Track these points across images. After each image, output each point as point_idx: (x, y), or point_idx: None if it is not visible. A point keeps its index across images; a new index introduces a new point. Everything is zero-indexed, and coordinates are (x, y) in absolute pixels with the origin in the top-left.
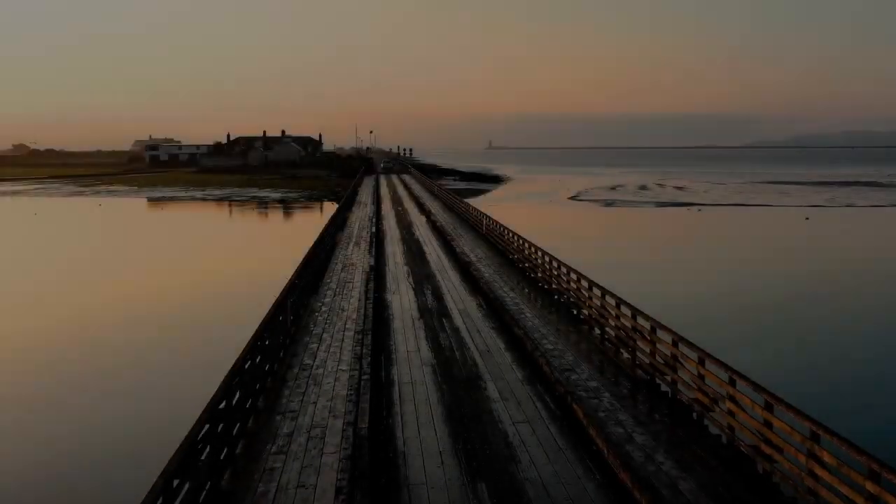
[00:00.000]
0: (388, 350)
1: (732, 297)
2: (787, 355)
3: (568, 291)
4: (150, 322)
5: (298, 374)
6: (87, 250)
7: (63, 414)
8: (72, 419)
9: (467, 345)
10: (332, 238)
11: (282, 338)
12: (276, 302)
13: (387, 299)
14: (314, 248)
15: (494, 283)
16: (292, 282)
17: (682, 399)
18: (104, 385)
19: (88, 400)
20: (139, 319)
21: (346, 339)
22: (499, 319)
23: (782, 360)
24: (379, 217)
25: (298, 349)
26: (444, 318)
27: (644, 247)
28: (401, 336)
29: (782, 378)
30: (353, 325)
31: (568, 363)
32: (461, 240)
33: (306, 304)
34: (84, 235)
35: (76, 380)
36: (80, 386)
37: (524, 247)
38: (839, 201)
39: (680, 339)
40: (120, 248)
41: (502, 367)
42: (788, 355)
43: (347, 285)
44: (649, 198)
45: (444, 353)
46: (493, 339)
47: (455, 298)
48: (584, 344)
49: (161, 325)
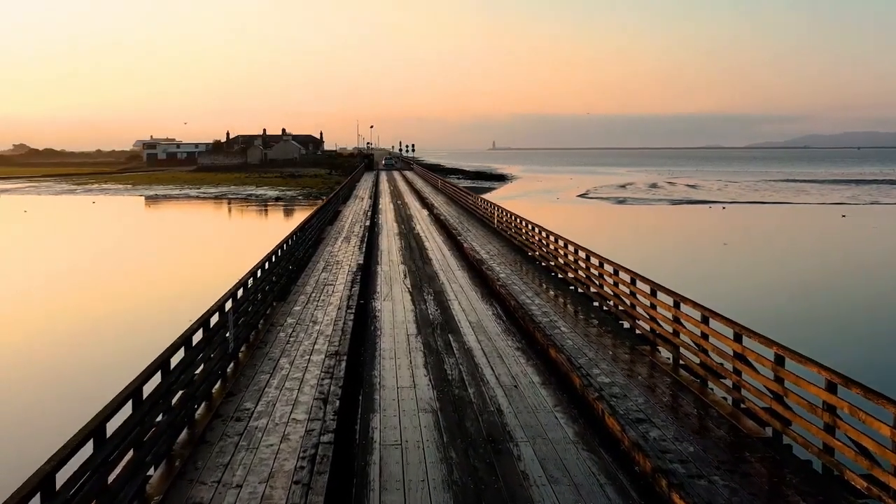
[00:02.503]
0: (369, 384)
1: (847, 303)
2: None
3: (616, 298)
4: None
5: (228, 430)
6: (42, 251)
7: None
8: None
9: (484, 376)
10: (317, 232)
11: (215, 365)
12: (200, 318)
13: (375, 308)
14: (288, 242)
15: (513, 285)
16: (243, 284)
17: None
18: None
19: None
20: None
21: (311, 368)
22: (525, 336)
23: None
24: (376, 210)
25: (239, 384)
26: (451, 335)
27: (687, 247)
28: (390, 362)
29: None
30: (326, 344)
31: (638, 408)
32: (469, 234)
33: (267, 315)
34: (48, 234)
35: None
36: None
37: (548, 241)
38: (863, 199)
39: (840, 379)
40: (79, 247)
41: (540, 415)
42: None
43: (327, 289)
44: (662, 196)
45: (451, 389)
46: (522, 367)
47: (464, 306)
48: (651, 373)
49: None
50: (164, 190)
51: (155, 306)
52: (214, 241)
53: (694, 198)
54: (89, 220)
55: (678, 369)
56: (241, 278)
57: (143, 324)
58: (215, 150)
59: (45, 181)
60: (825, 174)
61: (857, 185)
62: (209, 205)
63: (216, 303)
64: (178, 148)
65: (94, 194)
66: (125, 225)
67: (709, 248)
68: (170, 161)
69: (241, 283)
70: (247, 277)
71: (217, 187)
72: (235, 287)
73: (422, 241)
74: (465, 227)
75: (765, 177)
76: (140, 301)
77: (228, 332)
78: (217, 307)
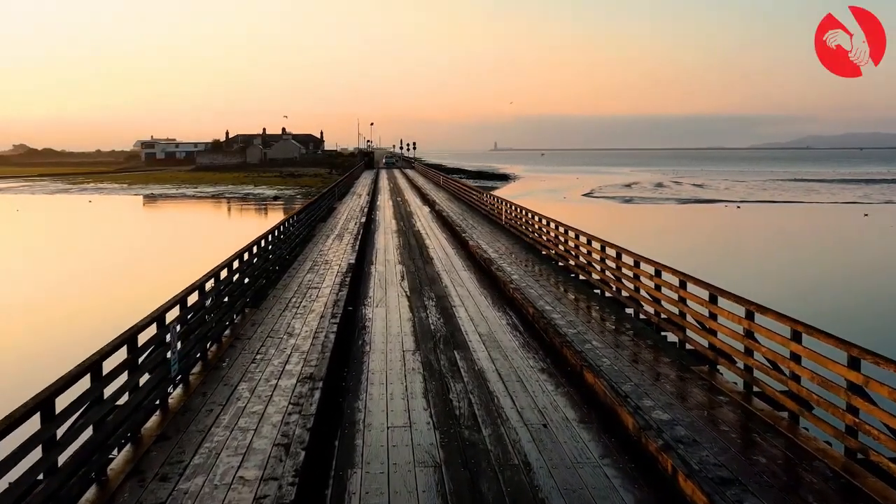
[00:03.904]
0: (351, 421)
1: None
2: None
3: (656, 303)
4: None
5: (144, 498)
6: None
7: None
8: None
9: (503, 410)
10: (306, 228)
11: (146, 398)
12: (123, 335)
13: (365, 316)
14: (268, 238)
15: (529, 289)
16: (198, 287)
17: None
18: None
19: None
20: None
21: (277, 397)
22: (550, 352)
23: None
24: (373, 207)
25: (178, 423)
26: (457, 351)
27: (725, 247)
28: (379, 389)
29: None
30: (300, 363)
31: (718, 460)
32: (474, 232)
33: (236, 324)
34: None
35: None
36: None
37: (566, 238)
38: (876, 198)
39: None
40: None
41: (584, 471)
42: None
43: (310, 293)
44: (669, 195)
45: (459, 430)
46: (550, 397)
47: (472, 314)
48: (718, 405)
49: None
50: (160, 189)
51: (108, 313)
52: (206, 239)
53: (702, 197)
54: (76, 219)
55: (751, 398)
56: (195, 281)
57: (78, 335)
58: (214, 150)
59: (40, 181)
60: (832, 174)
61: (867, 184)
62: (205, 204)
63: (152, 313)
64: (176, 147)
65: (89, 193)
66: (112, 223)
67: (748, 246)
68: (168, 161)
69: (194, 286)
70: (203, 280)
71: (214, 186)
72: (184, 292)
73: (422, 239)
74: (470, 223)
75: (771, 176)
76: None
77: (171, 351)
78: (154, 318)
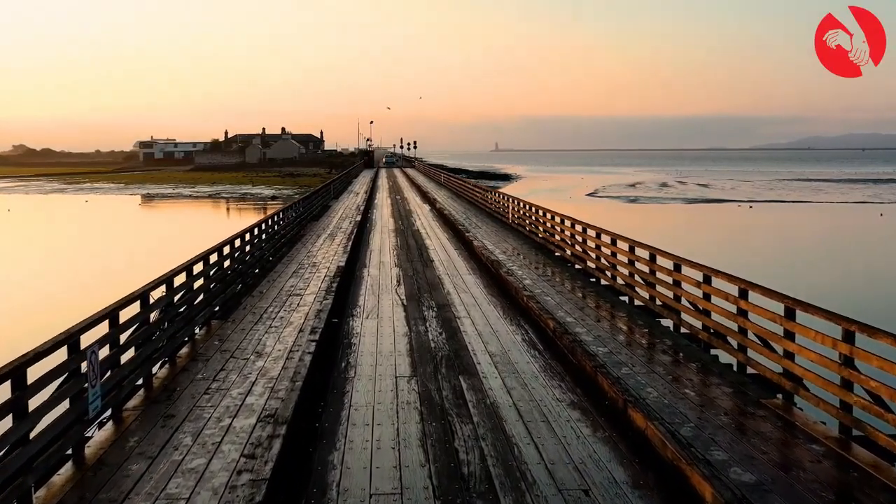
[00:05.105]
0: (321, 486)
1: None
2: None
3: (704, 315)
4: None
5: None
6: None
7: None
8: None
9: (527, 468)
10: (296, 226)
11: (54, 445)
12: (14, 363)
13: (353, 330)
14: (243, 237)
15: (545, 296)
16: (140, 296)
17: None
18: None
19: None
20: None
21: (226, 446)
22: (579, 380)
23: None
24: (370, 205)
25: (91, 483)
26: (464, 378)
27: (743, 251)
28: (363, 433)
29: None
30: (265, 396)
31: None
32: (479, 231)
33: (196, 340)
34: None
35: None
36: None
37: (585, 237)
38: (886, 198)
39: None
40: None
41: None
42: None
43: (291, 301)
44: (675, 195)
45: (469, 502)
46: (588, 447)
47: (480, 328)
48: (808, 455)
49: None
50: (156, 188)
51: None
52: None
53: (709, 197)
54: (69, 219)
55: (850, 445)
56: (134, 290)
57: None
58: (213, 150)
59: (36, 180)
60: (838, 174)
61: (875, 184)
62: (202, 203)
63: (63, 333)
64: (175, 147)
65: (85, 193)
66: (106, 222)
67: (782, 246)
68: (167, 160)
69: (133, 296)
70: (148, 288)
71: (212, 186)
72: (116, 305)
73: (422, 239)
74: (474, 222)
75: (776, 176)
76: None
77: (88, 383)
78: (62, 341)
